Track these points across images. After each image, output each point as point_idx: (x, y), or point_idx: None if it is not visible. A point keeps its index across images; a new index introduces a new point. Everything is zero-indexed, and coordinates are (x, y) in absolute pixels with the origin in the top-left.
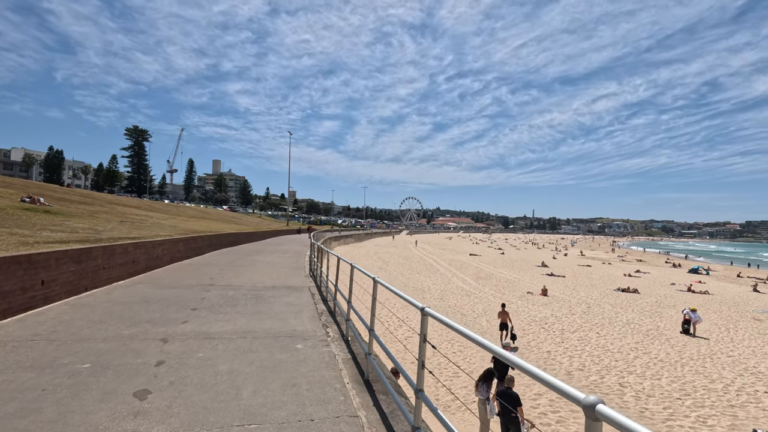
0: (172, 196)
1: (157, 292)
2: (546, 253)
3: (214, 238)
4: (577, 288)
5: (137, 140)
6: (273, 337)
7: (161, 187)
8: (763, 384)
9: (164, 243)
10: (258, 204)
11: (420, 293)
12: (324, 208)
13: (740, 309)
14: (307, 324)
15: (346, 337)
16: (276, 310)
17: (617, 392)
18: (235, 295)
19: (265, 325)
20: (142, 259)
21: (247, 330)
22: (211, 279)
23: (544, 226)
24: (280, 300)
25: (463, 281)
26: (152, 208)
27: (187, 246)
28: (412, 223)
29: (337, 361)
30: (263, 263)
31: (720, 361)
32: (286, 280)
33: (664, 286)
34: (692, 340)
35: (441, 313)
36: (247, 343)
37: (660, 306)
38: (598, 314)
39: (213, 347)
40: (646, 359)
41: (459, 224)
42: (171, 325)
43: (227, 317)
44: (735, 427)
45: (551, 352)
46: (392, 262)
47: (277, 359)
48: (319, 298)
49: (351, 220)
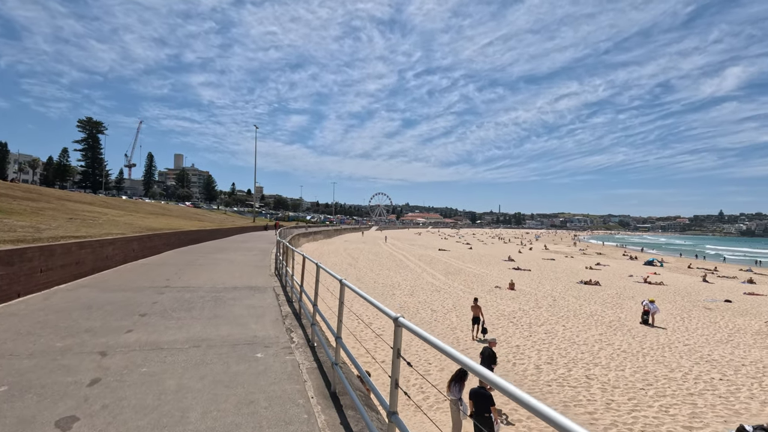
0: (130, 192)
1: (102, 296)
2: (512, 248)
3: (173, 235)
4: (542, 281)
5: (91, 132)
6: (230, 346)
7: (118, 183)
8: (717, 372)
9: (115, 242)
10: (223, 200)
11: (390, 290)
12: (292, 204)
13: (692, 299)
14: (269, 329)
15: (311, 342)
16: (236, 314)
17: (584, 385)
18: (192, 297)
19: (223, 331)
20: (88, 260)
21: (201, 338)
22: (167, 280)
23: (509, 221)
24: (242, 302)
25: (433, 276)
26: (107, 204)
27: (142, 245)
28: (381, 218)
29: (301, 371)
30: (226, 262)
31: (677, 350)
32: (249, 280)
33: (623, 278)
34: (651, 330)
35: (412, 310)
36: (200, 354)
37: (620, 297)
38: (563, 307)
39: (160, 360)
40: (610, 350)
41: (428, 220)
42: (114, 334)
43: (180, 323)
44: (695, 416)
45: (520, 347)
46: (362, 258)
47: (233, 372)
48: (284, 299)
49: (320, 216)
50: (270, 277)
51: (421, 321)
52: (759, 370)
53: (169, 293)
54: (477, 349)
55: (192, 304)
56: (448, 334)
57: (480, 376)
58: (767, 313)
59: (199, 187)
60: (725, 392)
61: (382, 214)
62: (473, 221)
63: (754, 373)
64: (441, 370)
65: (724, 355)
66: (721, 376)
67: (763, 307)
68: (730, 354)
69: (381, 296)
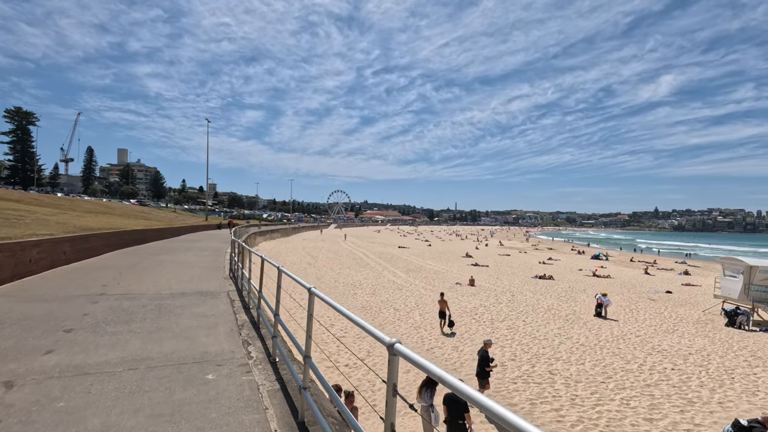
0: (67, 189)
1: (19, 307)
2: (469, 244)
3: (114, 235)
4: (500, 277)
5: (21, 124)
6: (175, 366)
7: (53, 179)
8: (669, 361)
9: (41, 243)
10: (173, 197)
11: (351, 289)
12: (248, 202)
13: (637, 290)
14: (223, 342)
15: (272, 357)
16: (184, 326)
17: (549, 381)
18: (132, 306)
19: (167, 347)
20: (6, 265)
21: (140, 357)
22: (103, 286)
23: (465, 218)
24: (191, 310)
25: (394, 274)
26: (38, 202)
27: (75, 246)
28: (340, 216)
29: (261, 395)
30: (174, 264)
31: (631, 341)
32: (200, 284)
33: (574, 272)
34: (605, 322)
35: (375, 309)
36: (137, 378)
37: (573, 291)
38: (521, 302)
39: (85, 389)
40: (570, 344)
41: (387, 217)
42: (27, 357)
43: (115, 340)
44: (654, 407)
45: None
46: (321, 257)
47: (177, 400)
48: (240, 306)
49: (277, 214)
50: (224, 280)
51: (385, 321)
52: (704, 358)
53: (104, 302)
54: (445, 341)
55: (131, 315)
56: (412, 334)
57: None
58: (704, 302)
59: (146, 184)
60: (678, 381)
61: (340, 212)
62: (431, 218)
63: (701, 361)
64: (407, 372)
65: (672, 345)
66: (672, 366)
67: (699, 297)
68: (678, 343)
69: (342, 296)
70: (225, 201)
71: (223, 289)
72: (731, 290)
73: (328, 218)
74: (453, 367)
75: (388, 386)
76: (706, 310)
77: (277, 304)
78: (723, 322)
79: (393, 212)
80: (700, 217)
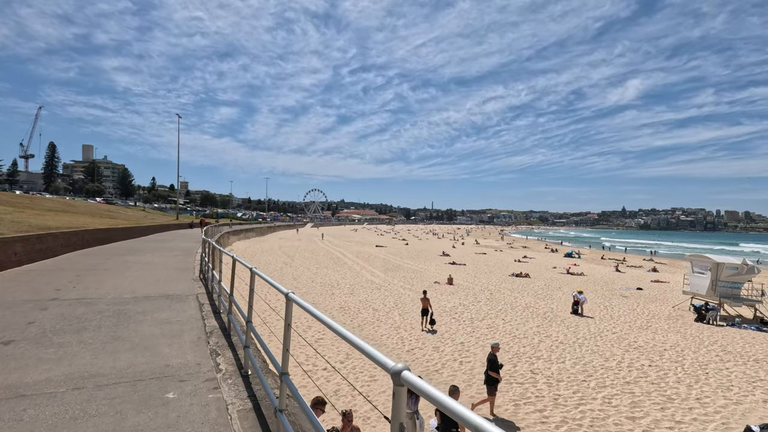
0: (27, 187)
1: None
2: (446, 243)
3: (75, 235)
4: (477, 275)
5: None
6: (130, 383)
7: (11, 176)
8: (646, 358)
9: None
10: (142, 196)
11: (329, 289)
12: (221, 201)
13: (610, 287)
14: (188, 353)
15: (244, 370)
16: (144, 334)
17: (531, 380)
18: (87, 313)
19: (122, 361)
20: None
21: (89, 373)
22: (56, 290)
23: (442, 217)
24: (153, 316)
25: (372, 274)
26: None
27: (28, 247)
28: (316, 215)
29: (230, 417)
30: (139, 265)
31: (608, 338)
32: (167, 286)
33: (548, 270)
34: (582, 319)
35: (354, 310)
36: (82, 400)
37: (549, 289)
38: (500, 300)
39: (16, 416)
40: (549, 342)
41: (364, 216)
42: None
43: (61, 353)
44: (635, 405)
45: (465, 343)
46: (297, 256)
47: (128, 427)
48: (209, 310)
49: (252, 213)
50: (193, 282)
51: (364, 321)
52: (679, 354)
53: (55, 308)
54: (425, 342)
55: (85, 323)
56: (392, 334)
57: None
58: (673, 298)
59: (113, 182)
60: (656, 378)
61: (317, 211)
62: (408, 217)
63: (676, 357)
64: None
65: (647, 341)
66: (649, 362)
67: (668, 293)
68: (652, 339)
69: (320, 296)
70: (197, 199)
71: (191, 291)
72: (699, 286)
73: (304, 217)
74: (434, 368)
75: (393, 425)
76: (676, 306)
77: (250, 310)
78: (692, 318)
79: (370, 211)
80: (665, 216)
